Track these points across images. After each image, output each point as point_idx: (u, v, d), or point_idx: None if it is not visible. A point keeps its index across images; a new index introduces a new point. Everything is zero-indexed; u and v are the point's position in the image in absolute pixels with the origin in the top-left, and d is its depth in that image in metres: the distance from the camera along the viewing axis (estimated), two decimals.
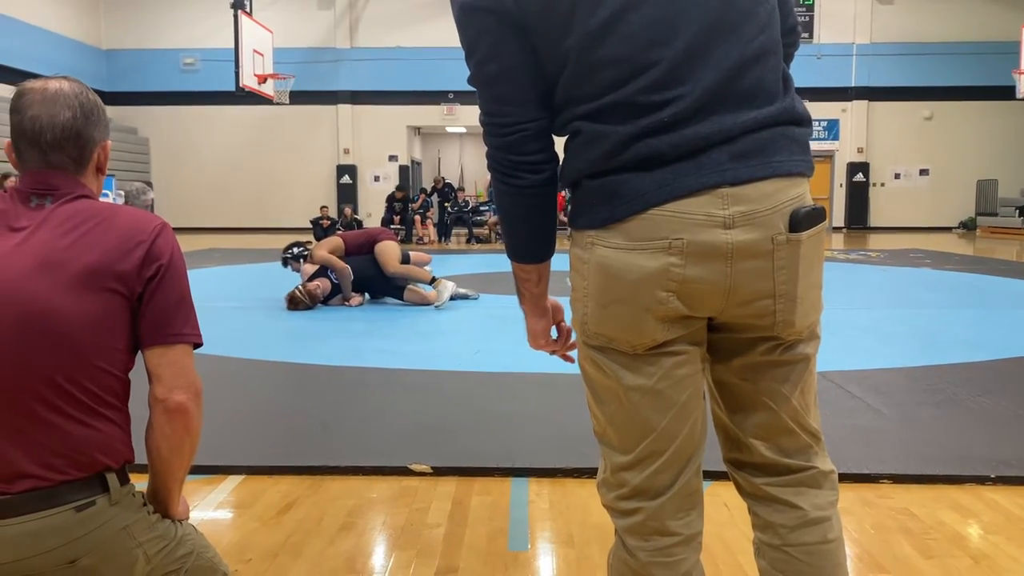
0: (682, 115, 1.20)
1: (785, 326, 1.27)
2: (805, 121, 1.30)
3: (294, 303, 7.00)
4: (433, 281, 7.12)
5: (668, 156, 1.20)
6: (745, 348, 1.33)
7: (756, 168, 1.20)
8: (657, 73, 1.20)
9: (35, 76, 1.53)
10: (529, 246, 1.40)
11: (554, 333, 1.56)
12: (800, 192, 1.24)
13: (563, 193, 13.48)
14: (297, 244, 7.90)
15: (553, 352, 1.58)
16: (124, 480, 1.37)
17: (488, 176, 20.81)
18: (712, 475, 2.99)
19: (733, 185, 1.19)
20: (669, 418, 1.31)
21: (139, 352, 1.40)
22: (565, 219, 1.39)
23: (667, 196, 1.19)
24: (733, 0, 1.21)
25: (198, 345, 1.42)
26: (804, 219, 1.22)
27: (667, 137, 1.20)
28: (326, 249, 7.16)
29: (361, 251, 7.20)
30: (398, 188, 17.93)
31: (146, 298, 1.35)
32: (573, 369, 4.77)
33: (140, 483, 1.42)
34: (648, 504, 1.36)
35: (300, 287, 7.04)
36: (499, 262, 12.03)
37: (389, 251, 7.15)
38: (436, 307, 7.02)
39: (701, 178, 1.19)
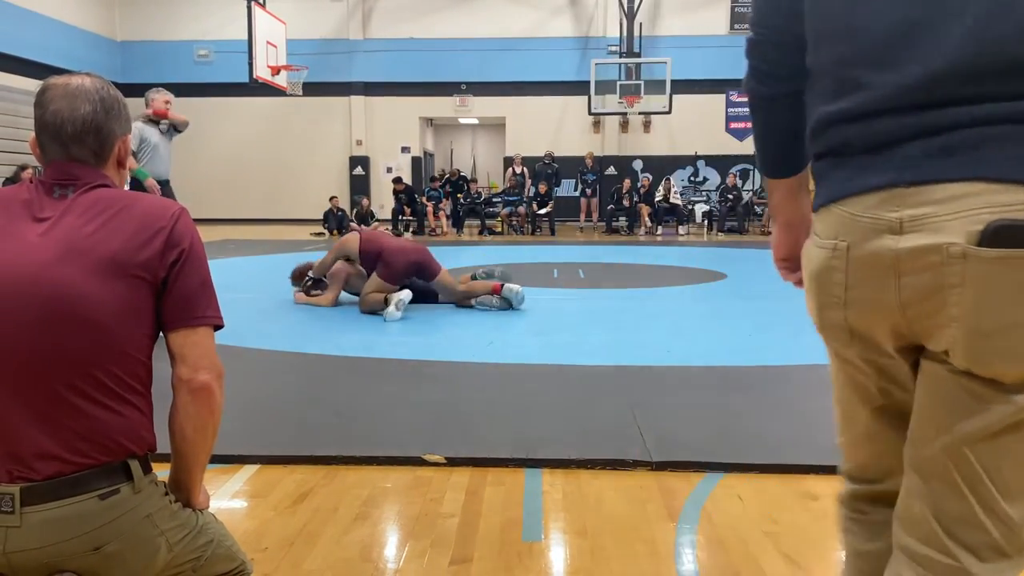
0: (880, 105, 1.06)
1: (968, 361, 1.03)
2: None
3: (300, 278, 6.93)
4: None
5: (856, 147, 1.09)
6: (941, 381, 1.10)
7: (952, 167, 1.00)
8: (861, 45, 1.09)
9: (49, 68, 1.55)
10: (761, 156, 1.36)
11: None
12: (1015, 201, 0.97)
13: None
14: (309, 272, 7.08)
15: (793, 282, 1.42)
16: (147, 469, 1.39)
17: (500, 169, 20.74)
18: (726, 467, 3.00)
19: (911, 185, 1.02)
20: (861, 418, 1.25)
21: (157, 339, 1.42)
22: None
23: (845, 192, 1.09)
24: None
25: (219, 327, 1.45)
26: (999, 233, 0.96)
27: (858, 126, 1.08)
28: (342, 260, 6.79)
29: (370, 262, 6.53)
30: (395, 180, 17.80)
31: (170, 283, 1.39)
32: (586, 361, 4.76)
33: (161, 472, 1.44)
34: (848, 486, 1.33)
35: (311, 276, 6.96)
36: (512, 254, 12.02)
37: (445, 279, 6.63)
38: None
39: (879, 175, 1.05)
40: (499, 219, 17.39)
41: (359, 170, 20.92)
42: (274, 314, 6.51)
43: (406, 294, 6.23)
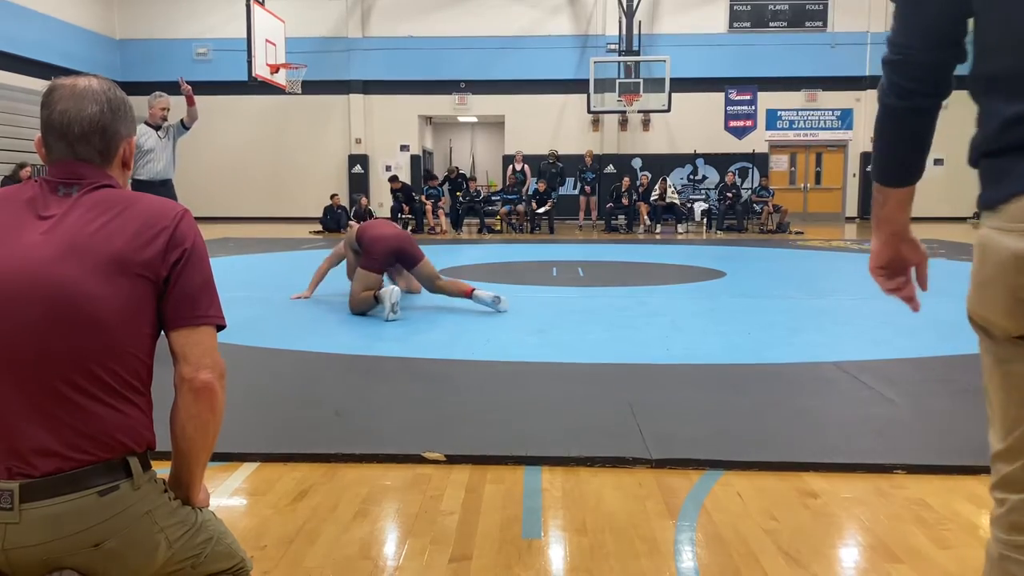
0: None
1: None
2: None
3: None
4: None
5: None
6: None
7: None
8: None
9: (48, 66, 1.56)
10: (880, 164, 1.42)
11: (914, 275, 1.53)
12: None
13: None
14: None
15: (889, 291, 1.54)
16: (146, 466, 1.39)
17: (499, 168, 20.71)
18: (725, 465, 3.00)
19: None
20: None
21: (158, 338, 1.42)
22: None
23: None
24: None
25: (222, 327, 1.45)
26: None
27: None
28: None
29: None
30: (391, 179, 17.71)
31: (172, 282, 1.39)
32: (586, 359, 4.75)
33: (161, 469, 1.44)
34: (1011, 496, 1.27)
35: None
36: (510, 252, 12.02)
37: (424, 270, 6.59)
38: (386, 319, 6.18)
39: None
40: (498, 217, 17.38)
41: (358, 168, 20.91)
42: (273, 312, 6.50)
43: (396, 293, 6.09)
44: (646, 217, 16.99)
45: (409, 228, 17.10)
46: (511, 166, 18.19)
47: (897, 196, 1.43)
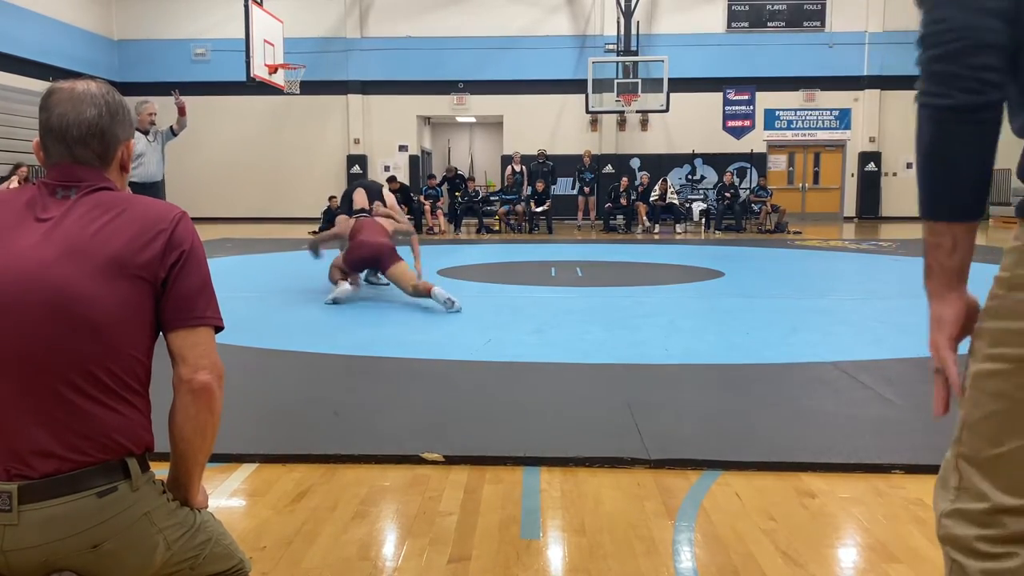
0: None
1: None
2: None
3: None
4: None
5: None
6: None
7: None
8: None
9: (46, 67, 1.57)
10: (944, 193, 1.08)
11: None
12: None
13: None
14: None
15: (952, 362, 1.16)
16: (145, 467, 1.39)
17: (498, 168, 20.71)
18: (724, 465, 3.00)
19: None
20: None
21: (157, 339, 1.42)
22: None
23: None
24: None
25: (220, 328, 1.46)
26: None
27: None
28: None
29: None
30: (389, 180, 17.63)
31: (170, 283, 1.40)
32: (584, 359, 4.73)
33: (159, 470, 1.44)
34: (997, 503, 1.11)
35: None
36: (509, 252, 12.02)
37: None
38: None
39: None
40: (497, 217, 17.37)
41: (356, 168, 20.90)
42: (272, 313, 6.50)
43: (345, 292, 6.75)
44: (644, 217, 17.00)
45: None
46: (510, 166, 18.17)
47: (970, 234, 1.10)
